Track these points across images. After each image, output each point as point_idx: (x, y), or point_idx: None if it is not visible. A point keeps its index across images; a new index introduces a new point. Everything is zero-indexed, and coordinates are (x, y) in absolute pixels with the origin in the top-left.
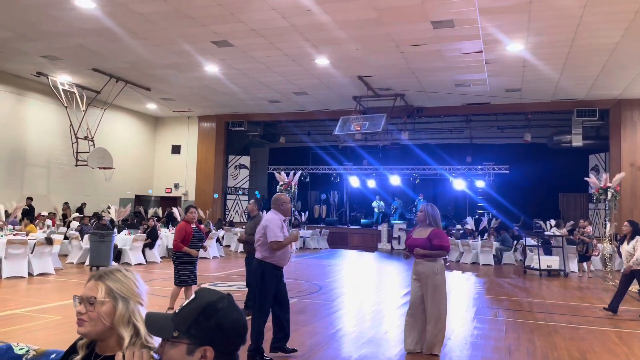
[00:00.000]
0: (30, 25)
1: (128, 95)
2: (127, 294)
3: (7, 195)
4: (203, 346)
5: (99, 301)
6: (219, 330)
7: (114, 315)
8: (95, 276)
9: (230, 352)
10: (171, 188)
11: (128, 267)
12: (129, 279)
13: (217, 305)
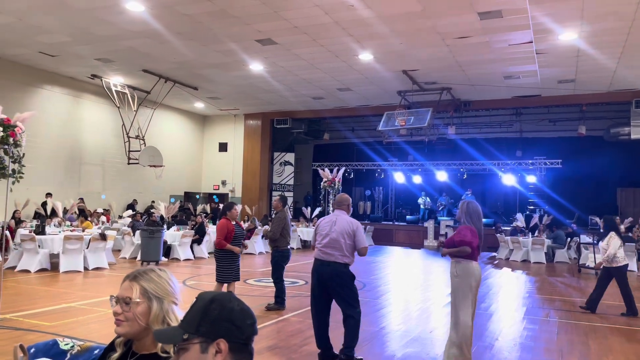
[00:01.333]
0: (84, 30)
1: (176, 95)
2: (161, 294)
3: (65, 192)
4: (215, 340)
5: (134, 301)
6: (227, 322)
7: (149, 315)
8: (130, 276)
9: (243, 343)
10: (219, 185)
11: (163, 268)
12: (162, 279)
13: (219, 298)
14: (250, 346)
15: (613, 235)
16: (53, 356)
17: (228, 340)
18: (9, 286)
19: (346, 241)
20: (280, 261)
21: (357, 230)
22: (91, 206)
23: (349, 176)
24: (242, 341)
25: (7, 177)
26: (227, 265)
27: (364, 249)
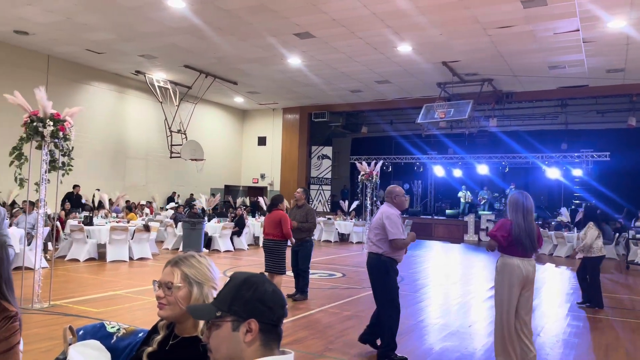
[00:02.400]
0: (128, 27)
1: (217, 90)
2: (201, 279)
3: (111, 185)
4: (247, 320)
5: (175, 286)
6: (259, 302)
7: (189, 299)
8: (171, 262)
9: (274, 324)
10: (258, 178)
11: (203, 254)
12: (202, 265)
13: (252, 279)
14: (279, 328)
15: (591, 226)
16: (100, 338)
17: (259, 321)
18: (60, 274)
19: (378, 232)
20: (311, 251)
21: (385, 221)
22: (135, 199)
23: (387, 170)
24: (272, 322)
25: (57, 169)
26: (283, 257)
27: (394, 241)
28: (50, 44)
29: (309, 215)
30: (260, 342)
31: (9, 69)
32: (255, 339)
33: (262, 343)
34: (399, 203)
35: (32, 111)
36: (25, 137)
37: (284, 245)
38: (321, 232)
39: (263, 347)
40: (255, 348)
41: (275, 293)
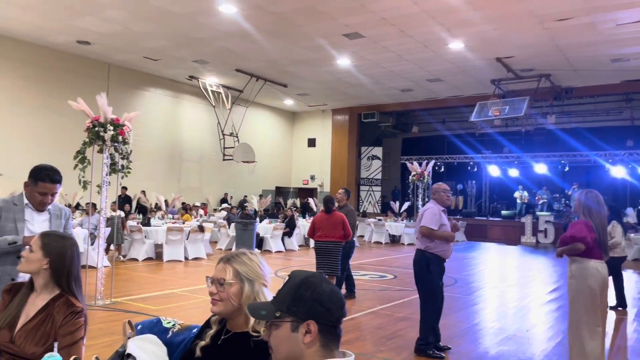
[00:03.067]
0: (182, 34)
1: (267, 93)
2: (252, 276)
3: (167, 187)
4: (306, 321)
5: (227, 282)
6: (317, 303)
7: (241, 296)
8: (224, 259)
9: (333, 324)
10: (308, 180)
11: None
12: (253, 262)
13: (311, 280)
14: (338, 329)
15: (615, 224)
16: (156, 333)
17: (317, 322)
18: (120, 273)
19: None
20: (350, 252)
21: (423, 214)
22: (190, 200)
23: (439, 170)
24: (331, 323)
25: (117, 172)
26: (339, 258)
27: (422, 227)
28: (110, 53)
29: (349, 216)
30: (320, 343)
31: (72, 78)
32: (314, 340)
33: (321, 344)
34: (439, 199)
35: (94, 117)
36: (88, 142)
37: (341, 247)
38: (372, 233)
39: (323, 348)
40: (315, 350)
41: (333, 293)
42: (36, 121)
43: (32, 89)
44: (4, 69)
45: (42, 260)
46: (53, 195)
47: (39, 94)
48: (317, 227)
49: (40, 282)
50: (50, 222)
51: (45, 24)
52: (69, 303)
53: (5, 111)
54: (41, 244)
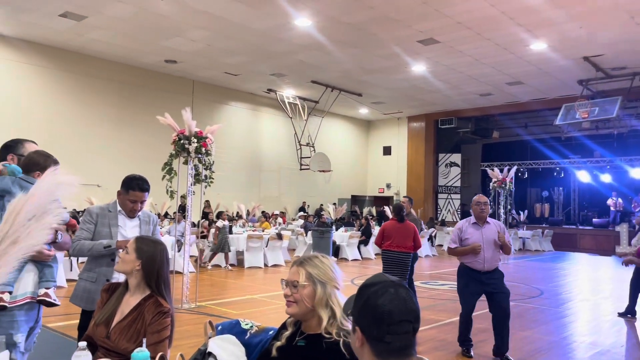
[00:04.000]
0: (260, 49)
1: (342, 102)
2: (324, 279)
3: (247, 196)
4: (356, 325)
5: (300, 284)
6: (364, 312)
7: (314, 298)
8: (297, 262)
9: (376, 337)
10: (384, 188)
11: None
12: (325, 265)
13: (369, 287)
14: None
15: None
16: (235, 334)
17: (361, 330)
18: (205, 278)
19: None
20: (414, 262)
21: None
22: (269, 209)
23: (522, 176)
24: (372, 337)
25: (201, 182)
26: (409, 269)
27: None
28: (194, 70)
29: (415, 224)
30: (372, 351)
31: (160, 94)
32: (364, 346)
33: (374, 353)
34: (474, 212)
35: (179, 130)
36: (174, 154)
37: (410, 258)
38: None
39: (378, 357)
40: (368, 355)
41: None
42: (129, 136)
43: (126, 106)
44: (103, 89)
45: (136, 262)
46: (142, 202)
47: (132, 110)
48: (387, 235)
49: (134, 282)
50: (140, 228)
51: (138, 46)
52: (157, 303)
53: (104, 128)
54: (135, 247)
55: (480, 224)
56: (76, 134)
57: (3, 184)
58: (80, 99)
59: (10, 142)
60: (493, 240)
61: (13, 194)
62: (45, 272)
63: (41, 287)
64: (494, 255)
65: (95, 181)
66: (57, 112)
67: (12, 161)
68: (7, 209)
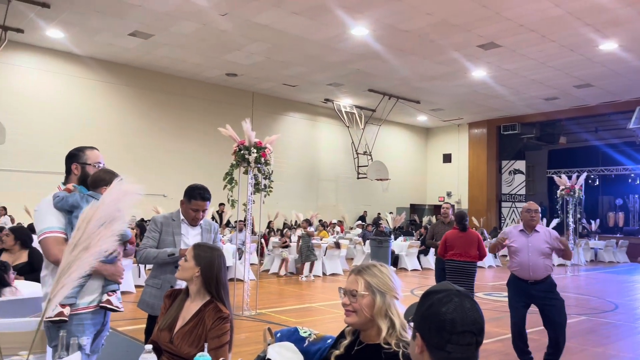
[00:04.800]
0: (317, 59)
1: (400, 110)
2: (383, 289)
3: (305, 205)
4: (417, 332)
5: (359, 294)
6: (427, 320)
7: (373, 307)
8: (355, 271)
9: (437, 346)
10: (444, 196)
11: (384, 264)
12: (384, 274)
13: (434, 294)
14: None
15: None
16: (294, 341)
17: (422, 337)
18: (264, 286)
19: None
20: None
21: None
22: (327, 218)
23: (593, 183)
24: (433, 344)
25: (260, 191)
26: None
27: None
28: (254, 82)
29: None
30: (431, 359)
31: (221, 107)
32: (423, 353)
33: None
34: (523, 220)
35: (240, 141)
36: (235, 164)
37: (476, 267)
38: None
39: None
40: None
41: (441, 315)
42: (192, 147)
43: (189, 119)
44: (168, 103)
45: (195, 269)
46: (204, 211)
47: (195, 123)
48: (449, 245)
49: (194, 288)
50: (201, 236)
51: (200, 61)
52: (217, 309)
53: (168, 140)
54: (194, 254)
55: (528, 232)
56: (142, 146)
57: (72, 199)
58: (145, 112)
59: (73, 151)
60: (541, 249)
61: (81, 209)
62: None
63: (104, 293)
64: (542, 264)
65: (161, 191)
66: (124, 126)
67: (76, 170)
68: (79, 218)
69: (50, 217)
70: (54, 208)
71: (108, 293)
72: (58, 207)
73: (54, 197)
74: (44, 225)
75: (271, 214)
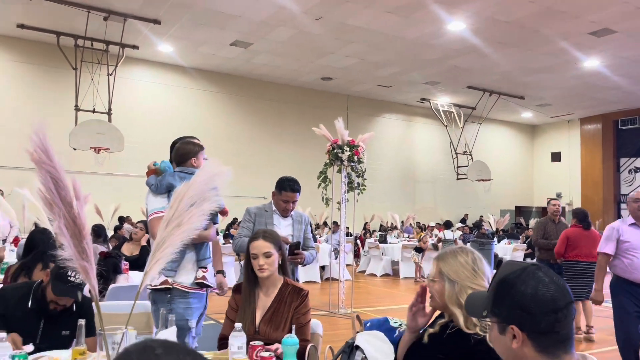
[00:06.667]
0: (413, 58)
1: (502, 107)
2: (454, 277)
3: (401, 207)
4: (510, 325)
5: (432, 279)
6: (517, 307)
7: (443, 294)
8: (436, 256)
9: (544, 331)
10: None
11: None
12: (458, 263)
13: (511, 278)
14: (557, 335)
15: None
16: (384, 331)
17: (520, 329)
18: (360, 286)
19: None
20: None
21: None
22: (425, 220)
23: None
24: (539, 330)
25: (354, 189)
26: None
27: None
28: (349, 85)
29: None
30: (537, 348)
31: (316, 111)
32: (526, 345)
33: (539, 350)
34: (631, 211)
35: (333, 140)
36: (329, 163)
37: None
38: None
39: (542, 354)
40: (533, 355)
41: (537, 295)
42: (289, 150)
43: (287, 124)
44: (266, 109)
45: (278, 256)
46: (294, 202)
47: (292, 127)
48: (571, 244)
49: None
50: (292, 227)
51: (296, 67)
52: (296, 289)
53: (266, 144)
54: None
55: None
56: (242, 150)
57: (166, 180)
58: (245, 118)
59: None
60: None
61: (175, 187)
62: (200, 254)
63: (199, 269)
64: None
65: (261, 194)
66: (228, 132)
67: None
68: (172, 196)
69: (154, 200)
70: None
71: (202, 269)
72: (158, 194)
73: (149, 186)
74: (150, 208)
75: (367, 216)
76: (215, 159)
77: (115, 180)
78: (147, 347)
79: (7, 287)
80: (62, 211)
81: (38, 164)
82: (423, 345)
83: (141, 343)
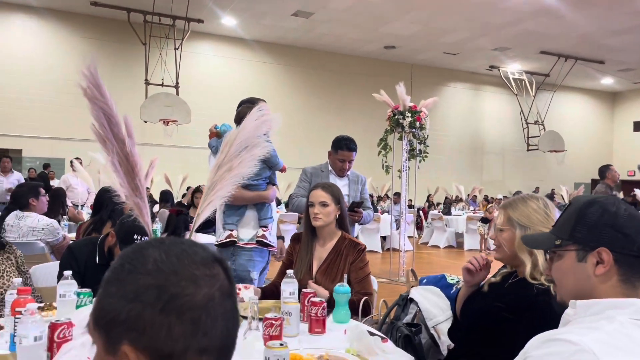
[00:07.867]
0: (480, 23)
1: (578, 73)
2: (525, 222)
3: (468, 179)
4: (595, 249)
5: (498, 228)
6: (609, 227)
7: (513, 242)
8: (502, 205)
9: (635, 254)
10: (634, 170)
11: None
12: (529, 207)
13: (599, 201)
14: None
15: None
16: (441, 287)
17: (612, 250)
18: (422, 257)
19: None
20: None
21: None
22: (493, 193)
23: None
24: (632, 253)
25: (415, 157)
26: None
27: None
28: (413, 54)
29: None
30: (619, 277)
31: (380, 80)
32: (610, 272)
33: (621, 278)
34: None
35: (394, 106)
36: (389, 129)
37: None
38: None
39: (624, 283)
40: (612, 284)
41: (632, 217)
42: (351, 122)
43: (350, 94)
44: (328, 80)
45: (336, 209)
46: (350, 162)
47: (355, 98)
48: None
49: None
50: (349, 187)
51: (359, 36)
52: (353, 243)
53: (327, 115)
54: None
55: None
56: (304, 121)
57: None
58: (307, 90)
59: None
60: None
61: None
62: (261, 214)
63: (260, 227)
64: None
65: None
66: (291, 104)
67: None
68: (222, 141)
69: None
70: None
71: (263, 228)
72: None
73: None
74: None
75: (431, 188)
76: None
77: (183, 152)
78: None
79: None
80: (115, 147)
81: (91, 100)
82: (483, 295)
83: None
